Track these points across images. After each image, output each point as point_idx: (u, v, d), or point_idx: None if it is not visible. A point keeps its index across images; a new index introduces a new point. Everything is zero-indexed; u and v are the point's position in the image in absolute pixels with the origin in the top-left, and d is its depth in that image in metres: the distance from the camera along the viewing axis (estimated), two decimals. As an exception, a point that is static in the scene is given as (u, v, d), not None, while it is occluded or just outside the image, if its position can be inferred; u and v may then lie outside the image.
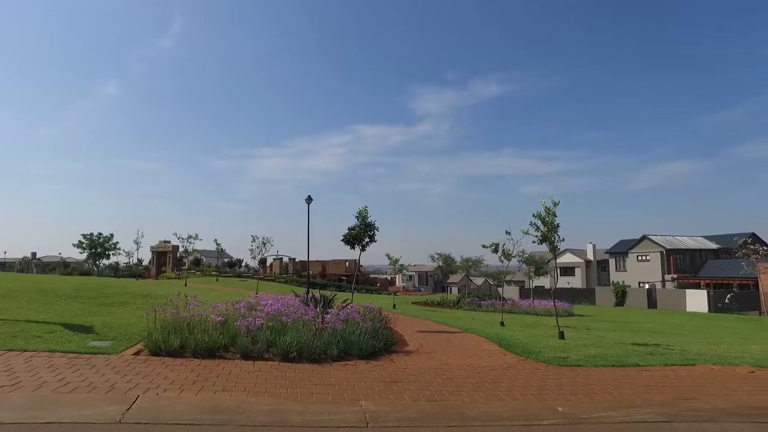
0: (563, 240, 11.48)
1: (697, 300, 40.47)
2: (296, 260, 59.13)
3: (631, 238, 59.42)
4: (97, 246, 54.97)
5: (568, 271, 64.66)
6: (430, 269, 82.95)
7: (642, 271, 55.80)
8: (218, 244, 36.98)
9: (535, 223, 11.43)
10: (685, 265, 54.39)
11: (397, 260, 25.34)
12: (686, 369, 7.73)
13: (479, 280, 63.32)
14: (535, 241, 11.62)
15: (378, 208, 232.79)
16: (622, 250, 59.33)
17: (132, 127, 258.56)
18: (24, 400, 4.74)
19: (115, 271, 53.11)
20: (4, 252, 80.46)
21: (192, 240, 32.98)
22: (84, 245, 54.89)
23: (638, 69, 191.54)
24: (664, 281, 53.24)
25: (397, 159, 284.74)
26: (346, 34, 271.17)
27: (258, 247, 24.99)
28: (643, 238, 57.03)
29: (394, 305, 22.45)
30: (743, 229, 59.92)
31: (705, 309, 39.17)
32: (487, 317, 18.33)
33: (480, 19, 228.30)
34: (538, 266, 32.45)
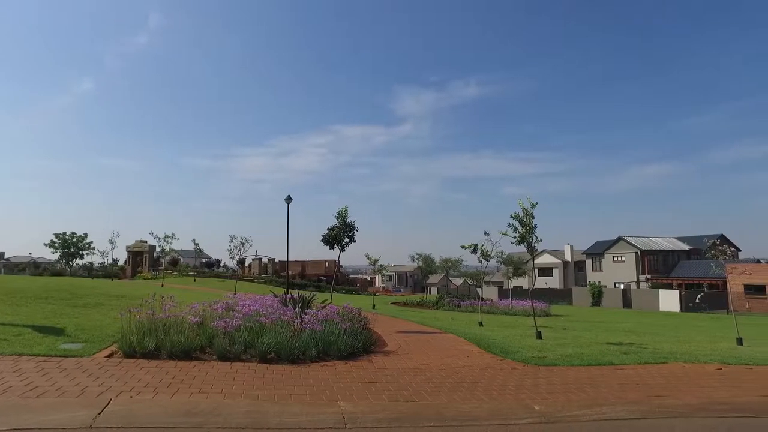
0: (541, 241, 11.63)
1: (669, 300, 41.53)
2: (275, 260, 58.70)
3: (608, 239, 60.64)
4: (71, 246, 53.51)
5: (546, 271, 65.61)
6: (410, 270, 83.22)
7: (618, 272, 57.00)
8: (196, 244, 36.45)
9: (513, 224, 11.54)
10: (659, 266, 55.75)
11: (376, 260, 25.38)
12: (658, 367, 7.93)
13: (459, 281, 63.85)
14: (513, 242, 11.74)
15: (359, 208, 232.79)
16: (598, 251, 60.49)
17: (108, 124, 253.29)
18: (-10, 404, 4.58)
19: (89, 271, 51.87)
20: (-30, 252, 77.78)
21: (169, 240, 32.44)
22: (56, 245, 53.38)
23: (615, 73, 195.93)
24: (638, 281, 54.47)
25: (379, 159, 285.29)
26: (328, 34, 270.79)
27: (237, 248, 24.74)
28: (619, 239, 58.26)
29: (374, 305, 22.45)
30: (713, 230, 61.80)
31: (677, 308, 40.24)
32: (466, 317, 18.46)
33: (460, 21, 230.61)
34: (517, 267, 32.91)
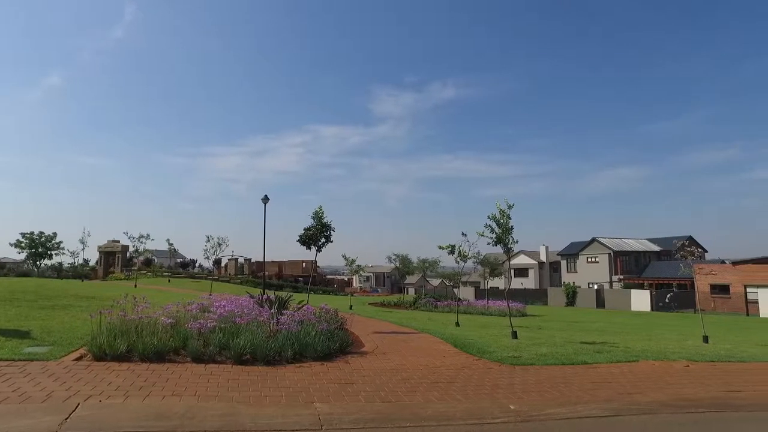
0: (517, 242, 11.76)
1: (641, 299, 42.64)
2: (252, 261, 57.98)
3: (582, 241, 61.87)
4: (38, 245, 51.83)
5: (521, 272, 66.58)
6: (387, 270, 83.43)
7: (591, 272, 58.22)
8: (171, 244, 35.86)
9: (490, 225, 11.66)
10: (631, 267, 57.15)
11: (353, 261, 25.30)
12: (630, 365, 8.13)
13: (436, 281, 64.25)
14: (490, 243, 11.87)
15: (336, 208, 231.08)
16: (573, 252, 61.67)
17: (79, 120, 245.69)
18: (-51, 410, 4.39)
19: (58, 272, 50.29)
20: (-70, 252, 74.62)
21: (143, 240, 31.72)
22: (23, 245, 51.61)
23: (589, 80, 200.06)
24: (611, 282, 55.74)
25: (357, 160, 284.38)
26: (305, 34, 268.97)
27: (213, 248, 24.43)
28: (593, 240, 59.52)
29: (351, 306, 22.40)
30: (682, 232, 63.74)
31: (648, 308, 41.33)
32: (443, 318, 18.59)
33: (438, 22, 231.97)
34: (493, 267, 33.27)
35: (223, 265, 55.61)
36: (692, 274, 16.21)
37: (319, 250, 13.01)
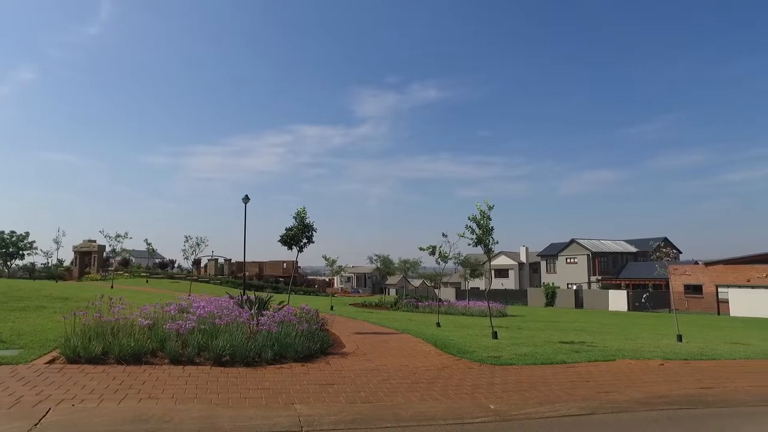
0: (497, 243, 11.86)
1: (618, 300, 43.45)
2: (232, 261, 57.31)
3: (561, 242, 62.80)
4: (9, 245, 50.39)
5: (502, 272, 67.21)
6: (368, 271, 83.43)
7: (570, 273, 59.12)
8: (149, 244, 35.03)
9: (470, 226, 11.73)
10: (609, 267, 58.22)
11: (334, 261, 25.20)
12: (607, 364, 8.27)
13: (417, 282, 64.45)
14: (470, 244, 11.94)
15: (318, 209, 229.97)
16: (552, 253, 62.53)
17: (52, 117, 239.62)
18: None
19: (31, 272, 48.98)
20: None
21: (121, 239, 31.00)
22: (-7, 244, 50.17)
23: (567, 83, 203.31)
24: (590, 282, 56.68)
25: (338, 160, 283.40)
26: (286, 34, 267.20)
27: (192, 248, 23.99)
28: (572, 241, 60.44)
29: (332, 307, 22.32)
30: (658, 233, 65.28)
31: (625, 308, 42.14)
32: (424, 318, 18.64)
33: (420, 23, 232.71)
34: (474, 268, 33.42)
35: (202, 265, 54.85)
36: (667, 274, 16.59)
37: (301, 250, 12.91)
